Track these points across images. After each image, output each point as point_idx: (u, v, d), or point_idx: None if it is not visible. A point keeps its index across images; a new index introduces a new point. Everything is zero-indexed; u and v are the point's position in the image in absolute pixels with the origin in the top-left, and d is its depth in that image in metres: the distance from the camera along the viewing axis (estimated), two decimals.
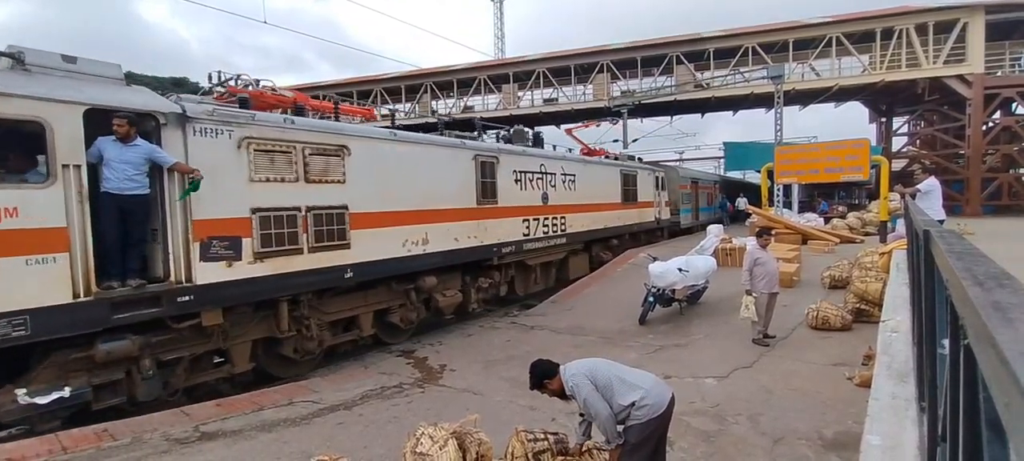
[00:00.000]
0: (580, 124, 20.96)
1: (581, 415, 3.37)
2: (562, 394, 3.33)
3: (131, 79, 5.70)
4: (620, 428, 3.14)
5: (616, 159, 16.40)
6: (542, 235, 10.97)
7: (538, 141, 12.52)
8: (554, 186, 11.46)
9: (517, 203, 10.13)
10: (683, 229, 21.56)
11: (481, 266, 9.50)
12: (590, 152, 16.33)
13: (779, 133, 19.76)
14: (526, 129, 12.83)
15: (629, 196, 15.49)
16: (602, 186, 13.88)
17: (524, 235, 10.31)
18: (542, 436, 3.53)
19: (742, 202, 26.71)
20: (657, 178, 18.09)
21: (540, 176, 11.00)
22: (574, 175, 12.40)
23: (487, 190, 9.37)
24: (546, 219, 11.08)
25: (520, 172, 10.36)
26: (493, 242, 9.44)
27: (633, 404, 3.06)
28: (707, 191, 27.13)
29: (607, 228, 14.08)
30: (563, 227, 11.77)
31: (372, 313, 7.66)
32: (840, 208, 24.62)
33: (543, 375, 3.41)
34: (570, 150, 15.08)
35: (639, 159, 18.54)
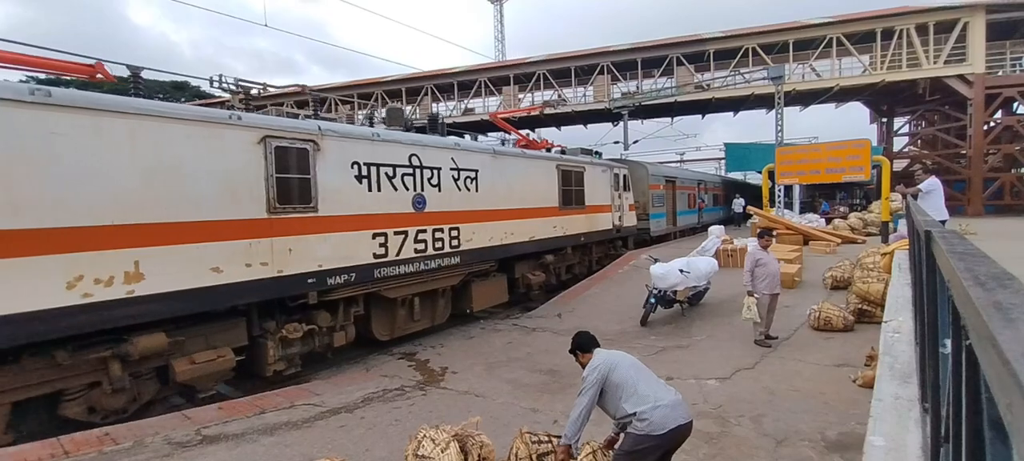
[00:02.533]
0: (513, 111, 19.28)
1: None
2: None
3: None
4: (616, 430, 3.28)
5: (564, 153, 13.32)
6: (415, 255, 7.86)
7: (435, 124, 9.50)
8: (438, 186, 8.32)
9: (362, 210, 7.09)
10: (653, 238, 18.18)
11: (286, 305, 6.48)
12: (533, 145, 13.23)
13: (780, 134, 19.74)
14: (404, 108, 9.54)
15: (572, 199, 12.20)
16: (527, 186, 10.63)
17: (377, 256, 7.27)
18: (546, 438, 3.52)
19: (739, 203, 25.85)
20: (617, 176, 14.75)
21: (409, 172, 7.83)
22: (476, 171, 9.14)
23: (292, 191, 6.21)
24: (423, 232, 8.00)
25: (369, 165, 7.19)
26: (306, 270, 6.35)
27: (635, 414, 3.04)
28: (688, 192, 23.65)
29: (535, 241, 10.76)
30: (455, 242, 8.62)
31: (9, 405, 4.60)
32: (841, 209, 24.59)
33: (579, 346, 3.53)
34: (504, 142, 12.38)
35: (597, 154, 15.13)
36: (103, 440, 4.46)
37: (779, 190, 17.94)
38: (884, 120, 31.65)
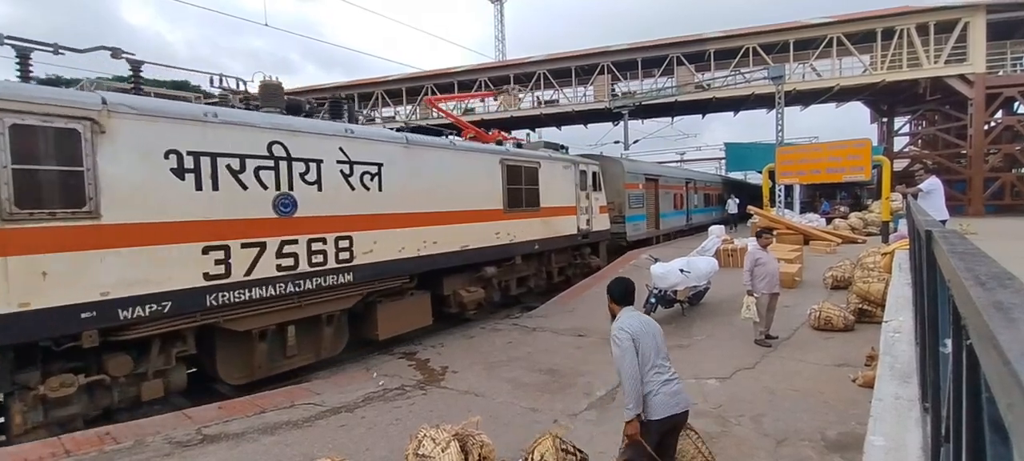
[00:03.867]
0: (451, 97, 15.52)
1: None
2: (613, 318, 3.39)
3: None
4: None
5: (520, 146, 11.61)
6: (279, 274, 6.08)
7: (338, 110, 7.85)
8: (318, 184, 6.53)
9: (185, 216, 5.31)
10: (630, 243, 16.14)
11: (57, 350, 4.72)
12: (482, 136, 11.43)
13: (780, 134, 19.74)
14: (279, 83, 7.10)
15: (522, 199, 10.28)
16: (459, 185, 8.76)
17: (212, 277, 5.49)
18: (573, 450, 3.50)
19: (733, 204, 24.80)
20: (585, 174, 12.71)
21: (270, 166, 6.04)
22: (379, 165, 7.32)
23: (45, 189, 4.51)
24: (291, 243, 6.22)
25: (198, 155, 5.43)
26: (78, 300, 4.59)
27: (649, 394, 3.09)
28: (673, 192, 21.54)
29: (471, 250, 8.86)
30: (346, 256, 6.84)
31: None
32: (842, 208, 24.58)
33: (613, 294, 3.42)
34: (448, 135, 10.15)
35: (563, 148, 13.12)
36: (104, 439, 4.46)
37: (779, 190, 17.94)
38: (885, 120, 31.64)
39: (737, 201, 25.34)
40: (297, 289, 6.29)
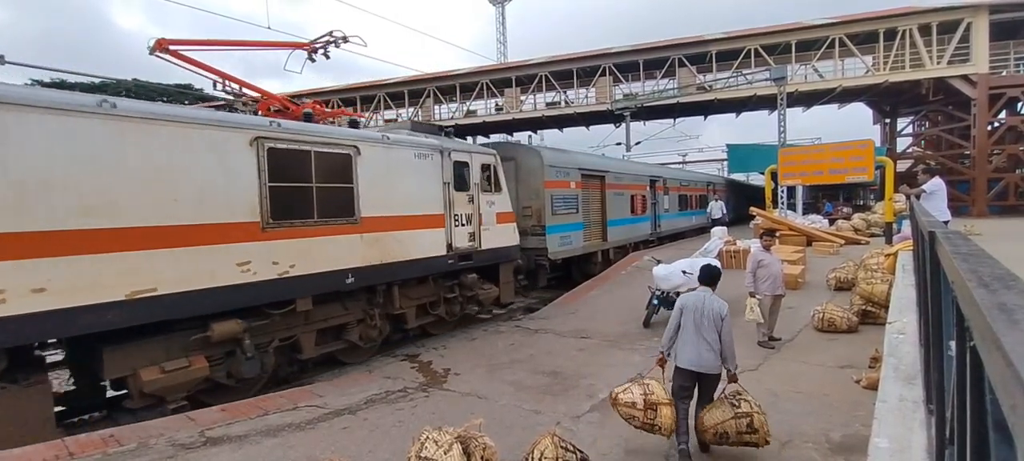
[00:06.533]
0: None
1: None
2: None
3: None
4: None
5: (355, 126, 8.06)
6: None
7: None
8: None
9: None
10: (554, 262, 12.23)
11: None
12: (287, 111, 7.72)
13: (783, 135, 19.71)
14: None
15: (310, 207, 6.58)
16: (135, 182, 5.13)
17: None
18: (573, 449, 3.50)
19: (717, 208, 20.68)
20: (463, 168, 8.98)
21: None
22: None
23: None
24: None
25: None
26: None
27: (668, 353, 4.31)
28: (632, 193, 17.05)
29: (163, 299, 5.23)
30: None
31: None
32: (845, 209, 24.50)
33: (698, 274, 4.60)
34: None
35: (449, 134, 9.68)
36: (107, 442, 4.48)
37: (782, 191, 17.91)
38: (887, 121, 31.57)
39: (721, 204, 21.28)
40: None
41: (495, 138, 33.52)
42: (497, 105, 32.33)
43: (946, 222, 7.83)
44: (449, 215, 8.66)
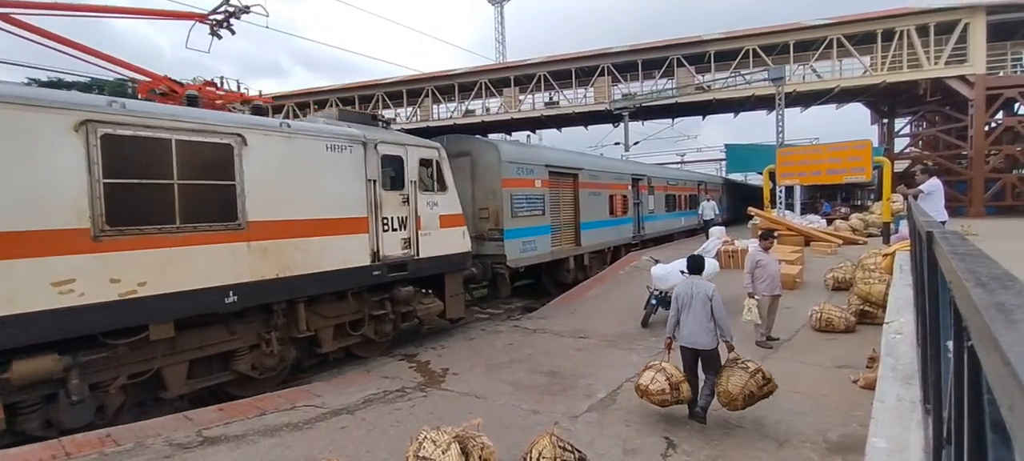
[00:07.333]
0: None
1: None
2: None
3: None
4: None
5: (254, 110, 7.15)
6: None
7: None
8: None
9: None
10: (515, 270, 10.82)
11: None
12: (173, 95, 6.80)
13: (780, 135, 19.73)
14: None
15: (171, 209, 5.27)
16: None
17: None
18: (570, 449, 3.50)
19: (709, 209, 18.76)
20: (394, 163, 7.75)
21: None
22: None
23: None
24: None
25: None
26: None
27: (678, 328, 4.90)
28: (611, 192, 15.50)
29: None
30: None
31: None
32: (842, 209, 24.55)
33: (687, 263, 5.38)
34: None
35: (381, 121, 8.67)
36: (104, 441, 4.47)
37: (780, 191, 17.92)
38: (885, 121, 31.65)
39: (714, 203, 19.25)
40: None
41: (493, 137, 33.52)
42: (487, 107, 32.32)
43: (943, 222, 7.86)
44: (375, 218, 7.29)
